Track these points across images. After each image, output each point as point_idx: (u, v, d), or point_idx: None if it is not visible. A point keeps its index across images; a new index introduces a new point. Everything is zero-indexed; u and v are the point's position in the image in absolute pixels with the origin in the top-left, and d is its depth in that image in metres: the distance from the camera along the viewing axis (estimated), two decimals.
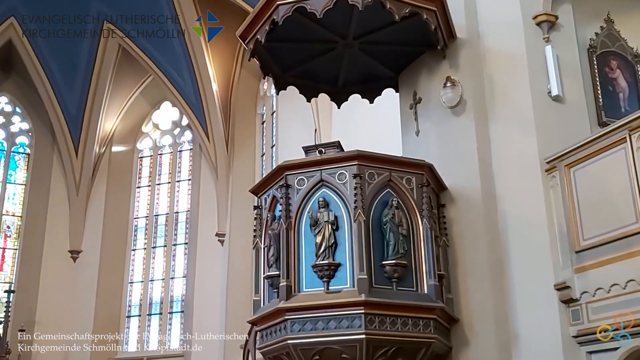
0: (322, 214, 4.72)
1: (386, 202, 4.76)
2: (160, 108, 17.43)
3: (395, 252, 4.63)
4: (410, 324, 4.56)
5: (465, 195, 5.17)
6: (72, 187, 16.37)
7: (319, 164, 4.85)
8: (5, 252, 16.24)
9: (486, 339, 4.80)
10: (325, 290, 4.59)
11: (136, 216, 16.88)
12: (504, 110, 5.30)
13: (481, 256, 4.99)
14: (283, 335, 4.65)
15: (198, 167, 16.44)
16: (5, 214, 16.53)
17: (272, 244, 4.93)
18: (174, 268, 16.25)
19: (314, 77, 6.22)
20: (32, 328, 14.89)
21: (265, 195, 5.21)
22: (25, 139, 17.25)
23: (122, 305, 15.99)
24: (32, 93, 16.34)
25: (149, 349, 15.59)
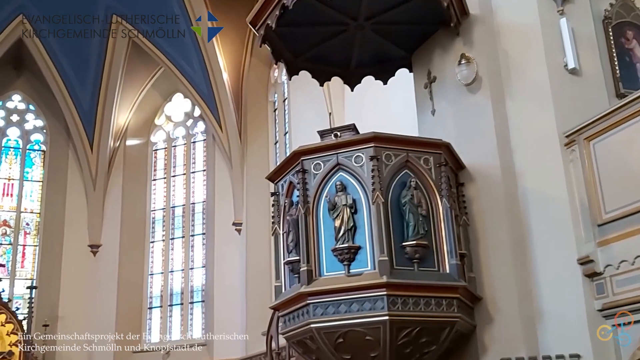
0: (339, 197, 4.70)
1: (404, 183, 4.73)
2: (172, 100, 17.45)
3: (415, 233, 4.61)
4: (433, 304, 4.54)
5: (484, 173, 5.13)
6: (88, 182, 16.46)
7: (334, 148, 4.82)
8: (26, 249, 16.39)
9: (510, 316, 4.78)
10: (346, 274, 4.58)
11: (153, 208, 16.96)
12: (521, 85, 5.24)
13: (502, 233, 4.95)
14: (306, 320, 4.66)
15: (212, 158, 16.46)
16: (24, 212, 16.66)
17: (291, 230, 4.92)
18: (192, 258, 16.33)
19: (326, 60, 6.18)
20: (55, 323, 15.04)
21: (282, 181, 5.20)
22: (40, 136, 17.35)
23: (143, 297, 16.10)
24: (45, 90, 16.40)
25: (172, 339, 15.70)
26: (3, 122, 17.13)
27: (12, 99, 17.25)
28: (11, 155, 17.05)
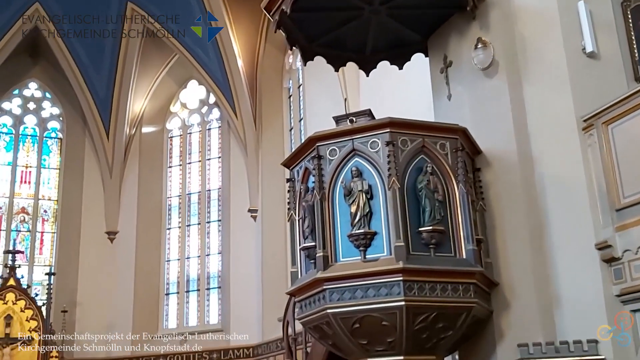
0: (355, 183, 4.69)
1: (420, 168, 4.71)
2: (187, 87, 17.50)
3: (431, 218, 4.59)
4: (450, 290, 4.53)
5: (501, 158, 5.09)
6: (105, 169, 16.58)
7: (350, 133, 4.80)
8: (44, 236, 16.57)
9: (527, 302, 4.76)
10: (363, 259, 4.58)
11: (169, 195, 17.06)
12: (538, 69, 5.17)
13: (520, 219, 4.91)
14: (322, 305, 4.67)
15: (227, 144, 16.51)
16: (42, 199, 16.83)
17: (307, 216, 4.92)
18: (208, 245, 16.43)
19: (341, 46, 6.14)
20: (73, 309, 15.23)
21: (298, 167, 5.20)
22: (57, 124, 17.47)
23: (160, 283, 16.25)
24: (61, 78, 16.49)
25: (189, 325, 15.84)
26: (20, 110, 17.27)
27: (29, 87, 17.38)
28: (28, 143, 17.20)
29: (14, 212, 16.48)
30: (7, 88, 16.90)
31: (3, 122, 17.09)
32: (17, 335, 13.64)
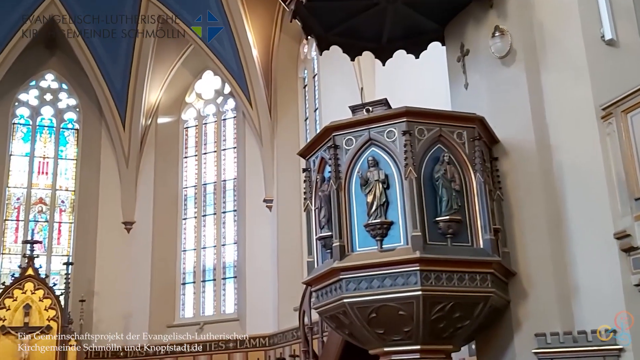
0: (372, 173, 4.68)
1: (437, 157, 4.68)
2: (202, 77, 17.52)
3: (448, 208, 4.57)
4: (467, 279, 4.52)
5: (519, 147, 5.06)
6: (121, 160, 16.68)
7: (366, 123, 4.79)
8: (62, 226, 16.72)
9: (545, 291, 4.74)
10: (379, 249, 4.57)
11: (185, 186, 17.13)
12: (556, 57, 5.13)
13: (537, 208, 4.89)
14: (339, 295, 4.67)
15: (242, 135, 16.53)
16: (59, 189, 16.97)
17: (323, 206, 4.92)
18: (224, 235, 16.49)
19: (357, 35, 6.11)
20: (91, 298, 15.38)
21: (314, 157, 5.19)
22: (74, 115, 17.58)
23: (176, 273, 16.35)
24: (77, 69, 16.57)
25: (205, 314, 15.94)
26: (37, 101, 17.39)
27: (45, 78, 17.49)
28: (45, 134, 17.33)
29: (31, 203, 16.64)
30: (24, 79, 17.01)
31: (20, 113, 17.22)
32: (35, 324, 13.79)
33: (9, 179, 16.56)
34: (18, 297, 13.94)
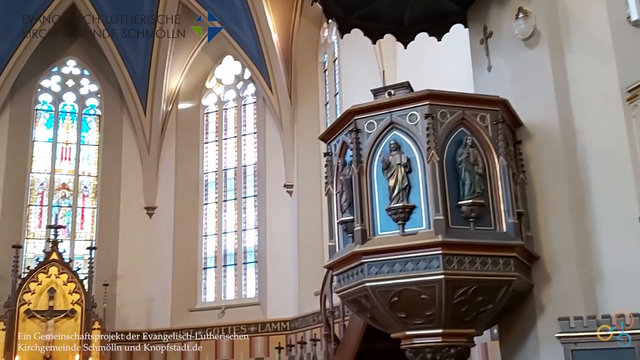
0: (394, 156, 4.65)
1: (460, 141, 4.64)
2: (222, 63, 17.53)
3: (471, 192, 4.53)
4: (490, 263, 4.49)
5: (543, 130, 5.00)
6: (142, 145, 16.78)
7: (388, 106, 4.75)
8: (85, 211, 16.89)
9: (569, 276, 4.70)
10: (401, 233, 4.55)
11: (206, 171, 17.21)
12: (580, 39, 5.05)
13: (561, 192, 4.84)
14: (360, 278, 4.67)
15: (263, 120, 16.54)
16: (82, 175, 17.13)
17: (345, 190, 4.91)
18: (245, 220, 16.57)
19: (379, 17, 6.05)
20: (114, 282, 15.55)
21: (335, 141, 5.17)
22: (95, 101, 17.70)
23: (198, 258, 16.47)
24: (98, 55, 16.66)
25: (227, 299, 16.06)
26: (59, 88, 17.53)
27: (67, 65, 17.60)
28: (68, 120, 17.48)
29: (55, 188, 16.82)
30: (46, 66, 17.13)
31: (43, 99, 17.36)
32: (60, 307, 13.99)
33: (33, 165, 16.74)
34: (43, 281, 14.14)
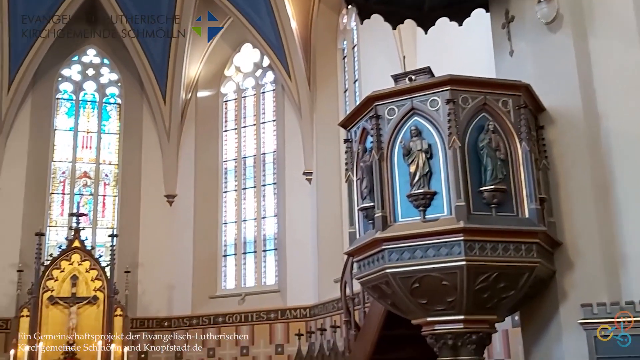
0: (414, 142, 4.62)
1: (482, 126, 4.60)
2: (241, 51, 17.52)
3: (493, 178, 4.50)
4: (512, 249, 4.46)
5: (566, 115, 4.94)
6: (162, 134, 16.86)
7: (409, 92, 4.72)
8: (106, 199, 17.04)
9: (592, 262, 4.66)
10: (422, 219, 4.54)
11: (225, 159, 17.26)
12: (604, 22, 4.98)
13: (584, 177, 4.79)
14: (381, 265, 4.67)
15: (282, 108, 16.53)
16: (103, 163, 17.26)
17: (365, 176, 4.90)
18: (264, 208, 16.60)
19: (399, 2, 6.00)
20: (136, 269, 15.67)
21: (355, 127, 5.16)
22: (115, 90, 17.79)
23: (218, 245, 16.56)
24: (118, 44, 16.72)
25: (247, 286, 16.15)
26: (80, 77, 17.63)
27: (87, 54, 17.69)
28: (88, 109, 17.60)
29: (76, 177, 16.97)
30: (67, 55, 17.23)
31: (64, 88, 17.48)
32: (83, 294, 14.14)
33: (54, 154, 16.89)
34: (65, 268, 14.28)
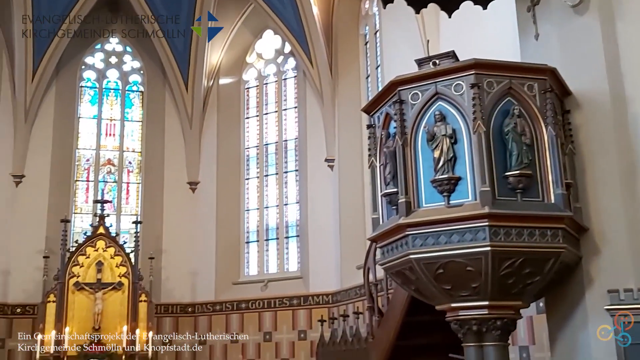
0: (439, 127, 4.59)
1: (507, 111, 4.56)
2: (262, 37, 17.51)
3: (518, 163, 4.46)
4: (538, 235, 4.42)
5: (592, 99, 4.87)
6: (185, 121, 16.94)
7: (433, 77, 4.68)
8: (130, 186, 17.19)
9: (619, 247, 4.60)
10: (446, 205, 4.51)
11: (247, 146, 17.30)
12: (632, 5, 4.90)
13: (611, 162, 4.72)
14: (405, 251, 4.65)
15: (303, 94, 16.51)
16: (126, 151, 17.40)
17: (388, 162, 4.88)
18: (286, 195, 16.64)
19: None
20: (159, 256, 15.83)
21: (378, 113, 5.13)
22: (138, 77, 17.89)
23: (240, 232, 16.64)
24: (140, 31, 16.77)
25: (269, 272, 16.23)
26: (103, 65, 17.75)
27: (110, 42, 17.79)
28: (112, 97, 17.72)
29: (100, 164, 17.13)
30: (90, 43, 17.34)
31: (87, 76, 17.62)
32: (108, 280, 14.32)
33: (79, 141, 17.06)
34: (90, 254, 14.47)
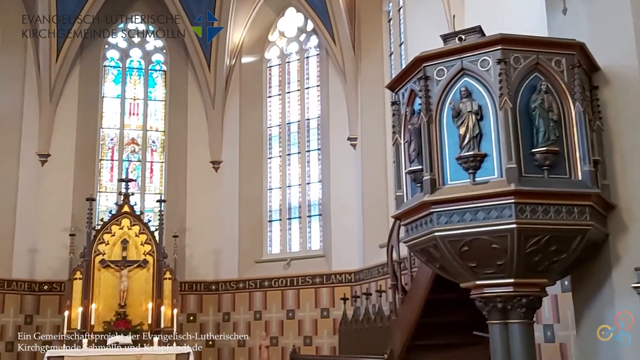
0: (464, 104, 4.58)
1: (534, 86, 4.52)
2: (284, 15, 17.40)
3: (545, 139, 4.43)
4: (564, 212, 4.40)
5: (621, 75, 4.80)
6: (207, 100, 16.95)
7: (459, 52, 4.66)
8: (153, 165, 17.30)
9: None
10: (472, 182, 4.51)
11: (269, 125, 17.29)
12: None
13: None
14: (430, 228, 4.66)
15: (326, 72, 16.41)
16: (150, 130, 17.48)
17: (413, 139, 4.87)
18: (309, 173, 16.63)
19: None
20: (183, 234, 15.95)
21: (403, 89, 5.12)
22: (161, 57, 17.91)
23: (263, 211, 16.69)
24: (163, 10, 16.77)
25: (292, 251, 16.30)
26: (126, 44, 17.79)
27: (133, 21, 17.80)
28: (135, 76, 17.77)
29: (124, 143, 17.25)
30: (113, 23, 17.37)
31: (110, 56, 17.68)
32: (133, 258, 14.48)
33: (103, 121, 17.18)
34: (116, 232, 14.62)
